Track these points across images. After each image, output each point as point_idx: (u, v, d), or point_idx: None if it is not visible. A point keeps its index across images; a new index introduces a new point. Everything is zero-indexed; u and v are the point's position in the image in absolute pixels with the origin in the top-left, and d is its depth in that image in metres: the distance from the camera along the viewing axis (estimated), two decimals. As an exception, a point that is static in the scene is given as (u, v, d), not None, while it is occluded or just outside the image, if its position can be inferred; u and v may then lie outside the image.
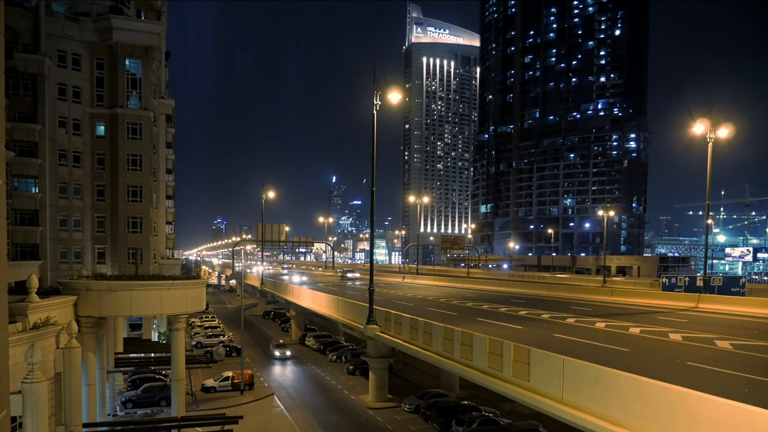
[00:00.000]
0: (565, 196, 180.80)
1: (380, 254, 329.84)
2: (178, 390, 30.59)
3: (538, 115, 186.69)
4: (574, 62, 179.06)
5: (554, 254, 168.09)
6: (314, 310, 51.70)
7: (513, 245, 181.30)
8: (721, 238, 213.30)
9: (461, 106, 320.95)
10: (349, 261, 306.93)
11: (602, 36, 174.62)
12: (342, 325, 43.64)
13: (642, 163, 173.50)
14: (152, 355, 43.36)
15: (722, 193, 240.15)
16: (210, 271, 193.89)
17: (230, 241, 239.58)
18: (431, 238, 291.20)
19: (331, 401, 41.21)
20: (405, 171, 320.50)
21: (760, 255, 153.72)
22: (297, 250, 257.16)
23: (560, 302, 46.48)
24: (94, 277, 32.45)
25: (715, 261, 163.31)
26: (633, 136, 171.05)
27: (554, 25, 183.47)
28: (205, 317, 79.93)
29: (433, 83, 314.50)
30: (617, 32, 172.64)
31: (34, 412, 18.20)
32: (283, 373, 51.22)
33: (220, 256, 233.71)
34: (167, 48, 60.67)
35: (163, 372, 40.95)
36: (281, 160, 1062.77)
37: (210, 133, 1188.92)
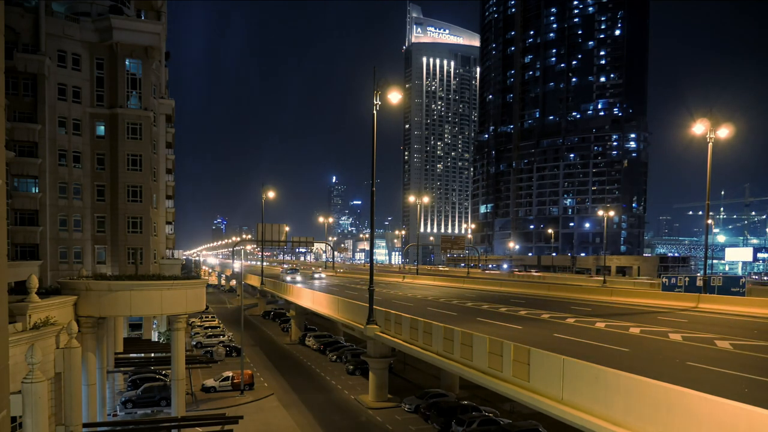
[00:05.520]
0: (565, 196, 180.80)
1: (380, 254, 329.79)
2: (178, 390, 30.59)
3: (538, 115, 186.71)
4: (574, 62, 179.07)
5: (554, 254, 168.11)
6: (314, 310, 51.69)
7: (513, 245, 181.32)
8: (721, 238, 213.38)
9: (461, 106, 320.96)
10: (349, 261, 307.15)
11: (602, 36, 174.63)
12: (342, 325, 43.64)
13: (642, 163, 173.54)
14: (152, 355, 43.35)
15: (722, 193, 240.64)
16: (210, 271, 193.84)
17: (230, 241, 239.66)
18: (431, 238, 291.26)
19: (331, 401, 41.20)
20: (405, 171, 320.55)
21: (760, 255, 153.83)
22: (297, 250, 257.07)
23: (560, 302, 46.47)
24: (94, 277, 32.44)
25: (715, 261, 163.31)
26: (633, 136, 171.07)
27: (554, 25, 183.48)
28: (205, 317, 79.93)
29: (433, 83, 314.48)
30: (617, 32, 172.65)
31: (34, 412, 18.20)
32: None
33: (220, 256, 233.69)
34: (167, 48, 60.70)
35: (163, 372, 40.92)
36: (281, 159, 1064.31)
37: (210, 133, 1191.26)
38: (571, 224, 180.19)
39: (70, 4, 45.91)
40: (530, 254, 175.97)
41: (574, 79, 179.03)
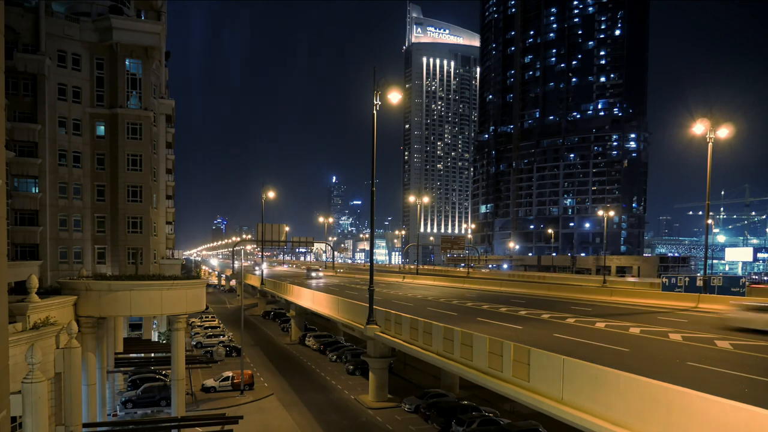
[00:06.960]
0: (565, 196, 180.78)
1: (380, 254, 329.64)
2: (178, 390, 30.60)
3: (538, 115, 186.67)
4: (574, 62, 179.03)
5: (554, 254, 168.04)
6: (314, 310, 51.70)
7: (513, 245, 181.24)
8: (721, 238, 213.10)
9: (461, 106, 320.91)
10: (350, 261, 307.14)
11: (602, 36, 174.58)
12: (342, 325, 43.65)
13: (642, 163, 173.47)
14: (152, 355, 43.34)
15: (722, 193, 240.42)
16: (210, 271, 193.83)
17: (230, 241, 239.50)
18: (431, 238, 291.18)
19: (331, 401, 41.21)
20: (405, 171, 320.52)
21: (760, 255, 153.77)
22: (297, 250, 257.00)
23: (560, 302, 46.49)
24: (94, 277, 32.44)
25: (715, 261, 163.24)
26: (633, 136, 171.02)
27: (554, 25, 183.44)
28: (205, 317, 79.94)
29: (433, 83, 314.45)
30: (617, 32, 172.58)
31: (34, 412, 18.20)
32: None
33: (220, 256, 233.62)
34: (167, 48, 60.69)
35: (163, 372, 40.94)
36: (281, 159, 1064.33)
37: (210, 133, 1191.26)
38: (571, 224, 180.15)
39: (70, 4, 45.88)
40: (530, 254, 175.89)
41: (574, 79, 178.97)
